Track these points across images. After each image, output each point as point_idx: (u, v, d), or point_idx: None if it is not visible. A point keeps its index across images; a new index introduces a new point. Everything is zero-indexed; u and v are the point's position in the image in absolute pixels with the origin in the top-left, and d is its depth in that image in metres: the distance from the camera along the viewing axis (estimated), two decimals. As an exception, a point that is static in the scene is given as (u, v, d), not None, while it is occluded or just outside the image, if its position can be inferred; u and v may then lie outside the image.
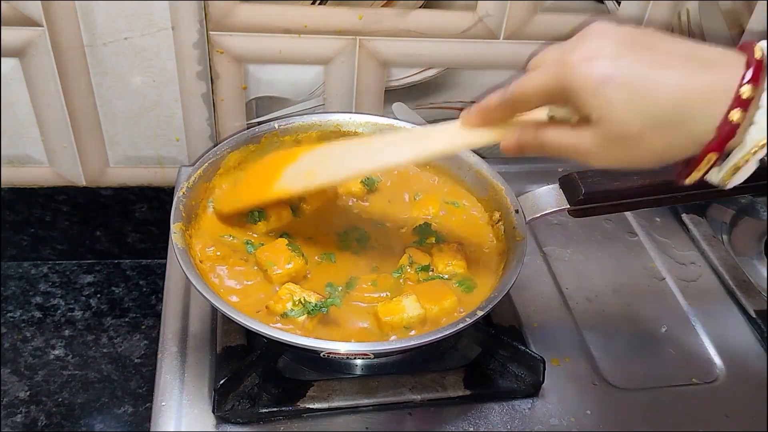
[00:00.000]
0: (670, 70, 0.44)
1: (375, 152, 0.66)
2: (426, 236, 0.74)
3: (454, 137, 0.59)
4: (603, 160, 0.48)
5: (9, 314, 0.93)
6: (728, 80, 0.42)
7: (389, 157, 0.64)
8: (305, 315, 0.63)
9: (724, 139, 0.43)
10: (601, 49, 0.45)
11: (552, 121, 0.52)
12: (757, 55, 0.43)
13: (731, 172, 0.46)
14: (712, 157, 0.45)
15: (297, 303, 0.63)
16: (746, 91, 0.42)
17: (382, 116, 0.84)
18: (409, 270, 0.70)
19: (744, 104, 0.42)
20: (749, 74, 0.42)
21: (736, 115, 0.42)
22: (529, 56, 0.52)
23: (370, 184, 0.80)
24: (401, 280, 0.69)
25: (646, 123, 0.44)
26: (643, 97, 0.44)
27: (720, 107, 0.42)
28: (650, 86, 0.44)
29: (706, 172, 0.46)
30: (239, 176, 0.77)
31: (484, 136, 0.57)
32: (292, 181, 0.69)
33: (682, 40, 0.46)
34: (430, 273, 0.70)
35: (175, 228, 0.66)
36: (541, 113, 0.53)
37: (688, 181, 0.47)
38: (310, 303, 0.63)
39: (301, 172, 0.69)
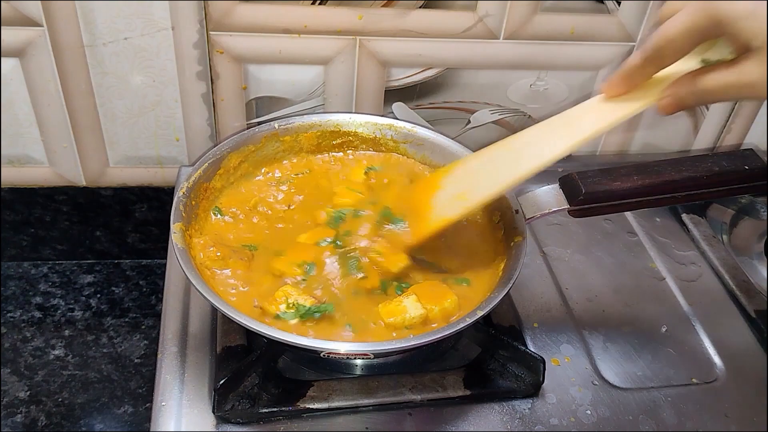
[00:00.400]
0: None
1: (523, 155, 0.62)
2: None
3: (603, 114, 0.55)
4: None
5: (9, 314, 0.93)
6: None
7: (541, 156, 0.60)
8: (297, 318, 0.63)
9: None
10: None
11: (705, 67, 0.50)
12: None
13: None
14: None
15: (291, 306, 0.63)
16: None
17: (382, 116, 0.84)
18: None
19: None
20: None
21: None
22: (659, 9, 0.49)
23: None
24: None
25: None
26: None
27: None
28: None
29: None
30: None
31: (634, 104, 0.54)
32: (447, 210, 0.66)
33: None
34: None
35: (175, 228, 0.66)
36: (688, 63, 0.50)
37: None
38: (303, 306, 0.63)
39: (452, 197, 0.66)
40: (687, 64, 0.51)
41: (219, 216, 0.74)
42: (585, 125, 0.57)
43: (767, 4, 0.43)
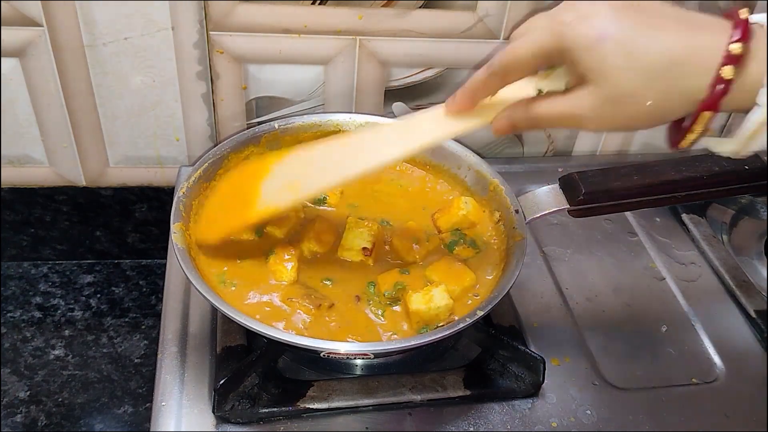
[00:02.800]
0: (663, 30, 0.45)
1: (361, 154, 0.62)
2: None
3: (442, 127, 0.57)
4: (599, 122, 0.48)
5: (9, 314, 0.93)
6: (718, 39, 0.44)
7: (378, 157, 0.61)
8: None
9: (718, 96, 0.44)
10: (596, 10, 0.46)
11: (541, 95, 0.52)
12: (743, 16, 0.44)
13: (748, 138, 0.46)
14: (706, 115, 0.45)
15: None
16: (736, 48, 0.43)
17: (382, 116, 0.84)
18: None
19: (734, 60, 0.43)
20: (737, 34, 0.43)
21: (728, 71, 0.43)
22: (512, 27, 0.52)
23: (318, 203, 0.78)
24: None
25: (641, 80, 0.45)
26: (638, 55, 0.45)
27: (712, 63, 0.44)
28: (645, 43, 0.45)
29: (701, 135, 0.47)
30: (208, 200, 0.72)
31: (472, 121, 0.56)
32: (275, 198, 0.64)
33: (671, 5, 0.47)
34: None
35: (175, 228, 0.66)
36: (526, 89, 0.52)
37: (684, 144, 0.48)
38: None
39: (282, 186, 0.64)
40: (524, 90, 0.53)
41: None
42: (421, 135, 0.58)
43: (616, 41, 0.45)
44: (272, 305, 0.66)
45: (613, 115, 0.47)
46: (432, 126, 0.58)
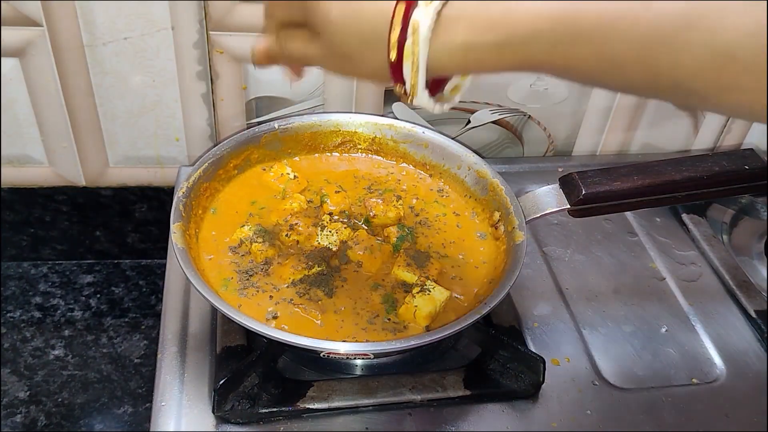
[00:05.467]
0: None
1: None
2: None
3: None
4: (333, 69, 0.49)
5: (9, 314, 0.93)
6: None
7: None
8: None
9: (397, 64, 0.44)
10: None
11: (289, 32, 0.52)
12: None
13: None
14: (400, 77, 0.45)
15: None
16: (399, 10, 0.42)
17: (382, 116, 0.84)
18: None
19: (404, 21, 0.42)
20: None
21: (394, 33, 0.43)
22: None
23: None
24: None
25: (359, 42, 0.45)
26: (355, 17, 0.44)
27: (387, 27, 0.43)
28: (360, 6, 0.44)
29: (406, 93, 0.46)
30: None
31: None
32: None
33: None
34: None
35: (175, 228, 0.66)
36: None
37: (405, 99, 0.47)
38: None
39: None
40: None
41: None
42: None
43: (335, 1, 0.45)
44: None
45: (342, 66, 0.48)
46: None
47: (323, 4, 0.45)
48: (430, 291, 0.65)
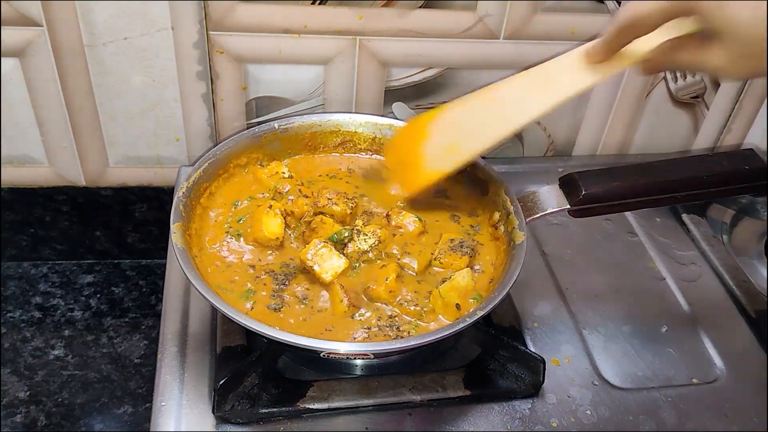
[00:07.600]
0: None
1: (511, 110, 0.65)
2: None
3: (583, 76, 0.60)
4: (737, 73, 0.50)
5: (9, 314, 0.93)
6: None
7: (528, 111, 0.64)
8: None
9: None
10: None
11: (679, 40, 0.54)
12: None
13: None
14: None
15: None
16: None
17: (382, 116, 0.84)
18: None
19: None
20: None
21: None
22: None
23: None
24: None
25: None
26: (764, 11, 0.46)
27: None
28: None
29: None
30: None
31: (609, 69, 0.59)
32: (441, 163, 0.69)
33: None
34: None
35: (175, 228, 0.66)
36: (656, 38, 0.55)
37: None
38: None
39: (443, 148, 0.69)
40: (655, 39, 0.56)
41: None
42: (567, 85, 0.61)
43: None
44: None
45: (747, 67, 0.49)
46: (573, 76, 0.61)
47: (729, 6, 0.46)
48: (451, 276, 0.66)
